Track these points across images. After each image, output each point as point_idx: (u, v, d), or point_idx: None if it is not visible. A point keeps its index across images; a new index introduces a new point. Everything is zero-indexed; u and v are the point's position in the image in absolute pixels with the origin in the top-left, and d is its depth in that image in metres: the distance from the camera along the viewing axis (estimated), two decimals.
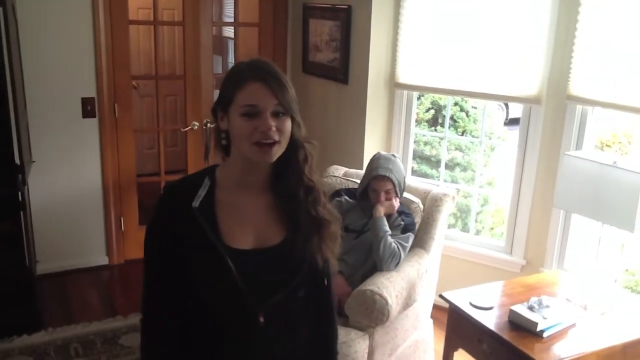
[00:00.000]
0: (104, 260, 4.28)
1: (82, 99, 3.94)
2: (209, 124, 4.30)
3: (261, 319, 1.43)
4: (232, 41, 6.13)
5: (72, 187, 4.05)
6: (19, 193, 3.29)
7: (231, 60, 6.94)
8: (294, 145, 1.45)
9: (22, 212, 3.35)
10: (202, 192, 1.44)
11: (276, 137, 1.38)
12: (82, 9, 3.82)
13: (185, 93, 4.39)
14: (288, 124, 1.41)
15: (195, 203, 1.42)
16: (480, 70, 3.43)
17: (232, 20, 5.33)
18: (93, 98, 3.97)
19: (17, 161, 3.30)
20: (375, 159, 2.96)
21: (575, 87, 3.10)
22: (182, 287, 1.44)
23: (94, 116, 4.00)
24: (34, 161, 3.69)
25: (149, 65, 5.69)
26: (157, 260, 1.47)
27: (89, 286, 4.03)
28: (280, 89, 1.39)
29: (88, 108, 3.97)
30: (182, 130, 4.40)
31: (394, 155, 2.98)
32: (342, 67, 3.95)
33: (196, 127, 4.31)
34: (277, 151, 1.40)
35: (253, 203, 1.48)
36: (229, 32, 6.74)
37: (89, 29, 3.87)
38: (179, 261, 1.43)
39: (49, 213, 3.96)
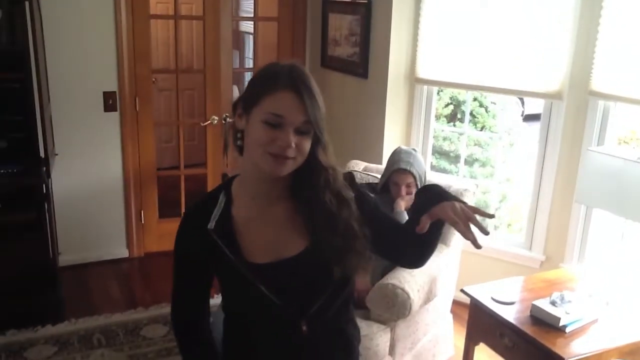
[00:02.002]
0: (124, 252, 4.33)
1: (104, 93, 3.98)
2: (228, 119, 4.33)
3: (304, 327, 1.39)
4: (250, 36, 6.14)
5: (93, 180, 4.09)
6: (44, 185, 3.34)
7: (248, 55, 6.97)
8: (316, 167, 1.36)
9: (46, 204, 3.40)
10: (217, 212, 1.40)
11: (292, 154, 1.30)
12: (104, 4, 3.86)
13: (205, 87, 4.40)
14: (308, 143, 1.32)
15: (211, 224, 1.39)
16: (501, 65, 3.41)
17: (249, 14, 5.35)
18: (114, 92, 4.01)
19: (42, 154, 3.36)
20: (397, 152, 2.97)
21: (598, 83, 3.08)
22: (206, 293, 1.49)
23: (116, 110, 4.04)
24: (57, 154, 3.73)
25: (166, 59, 5.73)
26: (180, 272, 1.51)
27: (110, 278, 4.07)
28: (312, 105, 1.29)
29: (110, 102, 4.01)
30: (202, 124, 4.43)
31: (414, 150, 2.99)
32: (362, 62, 3.95)
33: (215, 122, 4.34)
34: (290, 166, 1.33)
35: (270, 214, 1.42)
36: (246, 26, 6.76)
37: (110, 24, 3.91)
38: (204, 276, 1.47)
39: (71, 205, 4.01)
